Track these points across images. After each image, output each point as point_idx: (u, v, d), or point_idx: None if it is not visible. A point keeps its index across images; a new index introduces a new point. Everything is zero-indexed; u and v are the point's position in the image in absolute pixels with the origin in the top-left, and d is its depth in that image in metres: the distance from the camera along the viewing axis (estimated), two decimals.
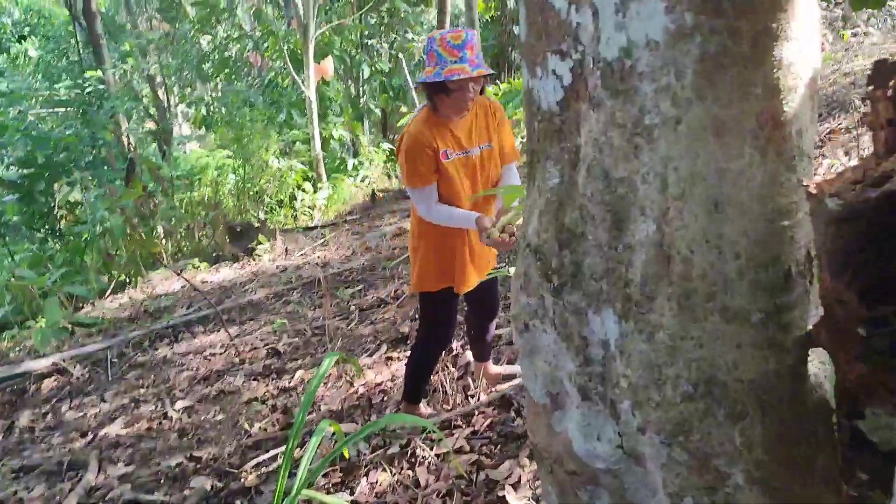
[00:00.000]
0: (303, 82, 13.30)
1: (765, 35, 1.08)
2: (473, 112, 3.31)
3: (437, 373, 4.35)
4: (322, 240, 10.04)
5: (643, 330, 1.27)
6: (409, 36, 18.74)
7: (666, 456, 1.29)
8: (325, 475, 3.69)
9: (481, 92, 3.26)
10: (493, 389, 4.14)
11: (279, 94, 15.90)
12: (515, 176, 3.51)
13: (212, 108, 16.74)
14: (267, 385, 5.27)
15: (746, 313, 1.17)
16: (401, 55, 9.84)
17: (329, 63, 15.18)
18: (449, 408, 4.12)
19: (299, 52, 13.84)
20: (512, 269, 2.55)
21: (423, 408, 4.04)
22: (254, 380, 5.44)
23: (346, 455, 3.70)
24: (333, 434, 3.89)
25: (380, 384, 4.70)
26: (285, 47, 14.08)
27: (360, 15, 16.52)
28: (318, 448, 2.90)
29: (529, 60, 1.39)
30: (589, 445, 1.43)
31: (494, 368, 4.21)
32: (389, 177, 13.99)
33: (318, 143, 13.35)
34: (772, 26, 1.08)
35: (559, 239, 1.37)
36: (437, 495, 3.34)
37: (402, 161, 3.28)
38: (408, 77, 14.20)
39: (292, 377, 5.28)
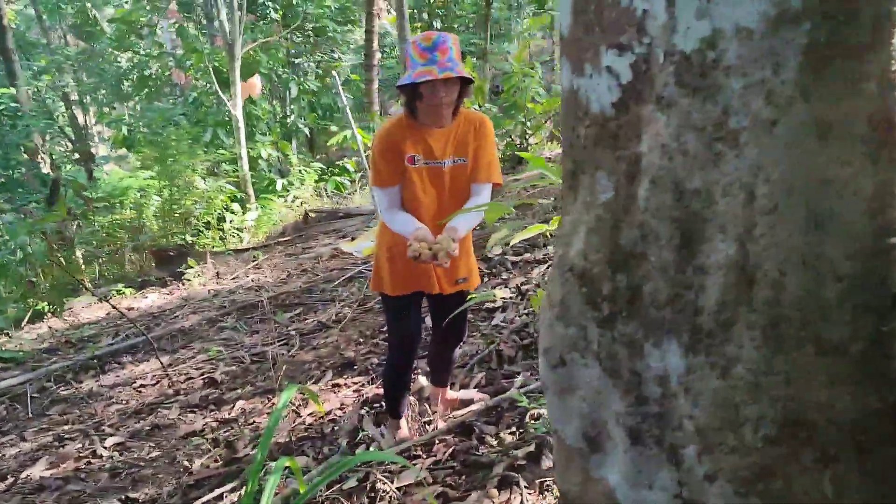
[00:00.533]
0: (229, 101, 12.95)
1: (886, 19, 0.93)
2: (456, 124, 3.21)
3: None
4: (254, 262, 9.71)
5: (716, 364, 1.10)
6: (336, 55, 18.57)
7: None
8: None
9: (460, 96, 3.13)
10: (451, 416, 3.96)
11: (204, 113, 15.44)
12: (484, 198, 3.33)
13: (132, 127, 16.17)
14: (205, 417, 4.96)
15: (846, 343, 1.02)
16: (335, 73, 9.64)
17: (256, 81, 14.88)
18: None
19: (225, 70, 13.49)
20: (497, 292, 2.36)
21: (404, 425, 3.84)
22: (190, 412, 5.11)
23: (302, 490, 3.47)
24: (286, 468, 3.65)
25: (328, 413, 4.46)
26: (210, 65, 13.71)
27: (287, 33, 16.27)
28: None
29: (574, 58, 1.21)
30: (638, 494, 1.26)
31: (451, 394, 4.06)
32: (321, 196, 13.72)
33: (245, 163, 13.01)
34: (894, 9, 0.93)
35: (612, 261, 1.19)
36: None
37: (370, 158, 3.27)
38: (337, 96, 13.98)
39: (232, 408, 4.98)
